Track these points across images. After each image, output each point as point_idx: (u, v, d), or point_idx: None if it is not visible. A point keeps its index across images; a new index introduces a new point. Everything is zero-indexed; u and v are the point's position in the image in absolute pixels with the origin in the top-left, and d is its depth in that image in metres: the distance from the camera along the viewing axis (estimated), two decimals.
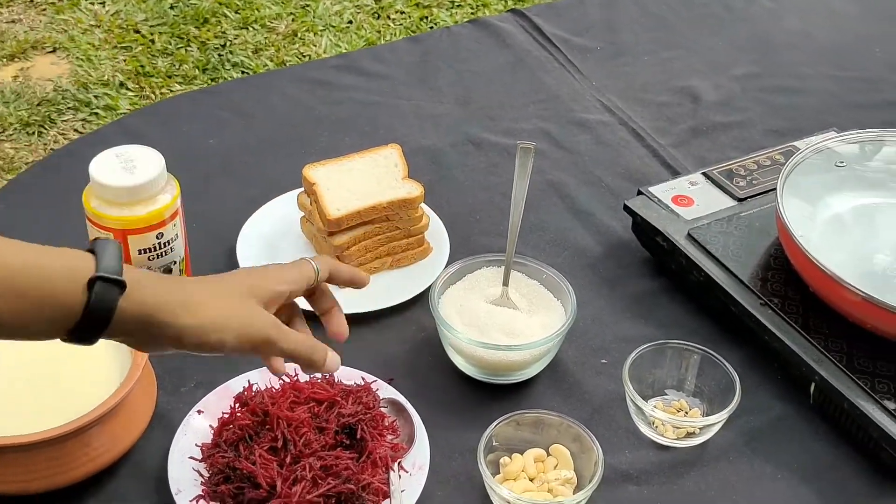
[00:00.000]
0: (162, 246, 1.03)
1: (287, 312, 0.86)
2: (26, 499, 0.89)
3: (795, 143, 1.25)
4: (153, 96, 2.58)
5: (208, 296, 0.78)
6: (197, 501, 0.90)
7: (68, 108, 2.54)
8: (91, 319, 0.72)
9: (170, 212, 1.02)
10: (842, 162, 1.16)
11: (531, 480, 0.93)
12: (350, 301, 1.10)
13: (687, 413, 1.01)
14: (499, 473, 0.94)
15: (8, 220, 1.21)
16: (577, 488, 0.92)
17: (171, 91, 2.58)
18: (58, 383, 0.93)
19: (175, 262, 1.05)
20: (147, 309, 0.74)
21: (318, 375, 0.99)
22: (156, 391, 0.97)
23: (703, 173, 1.21)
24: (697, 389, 1.02)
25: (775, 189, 1.10)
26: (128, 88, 2.60)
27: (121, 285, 0.73)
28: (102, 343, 0.95)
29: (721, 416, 0.97)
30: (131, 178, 1.00)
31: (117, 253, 0.74)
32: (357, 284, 0.91)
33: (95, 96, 2.57)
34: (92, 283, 0.71)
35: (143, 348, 0.85)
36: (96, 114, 2.53)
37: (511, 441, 0.95)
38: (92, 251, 0.74)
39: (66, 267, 0.72)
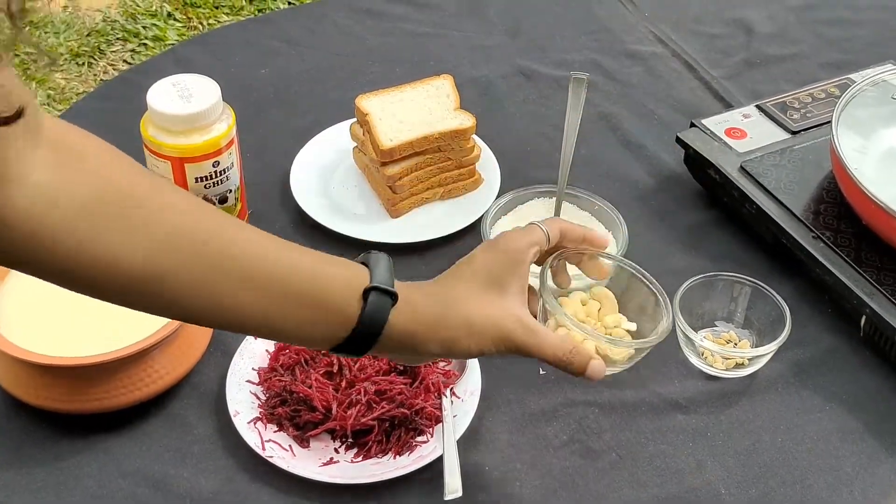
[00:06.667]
0: (218, 174, 1.04)
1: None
2: (95, 417, 0.92)
3: (851, 76, 1.23)
4: (201, 27, 2.59)
5: (463, 299, 0.77)
6: (255, 423, 0.93)
7: (117, 38, 2.56)
8: (364, 329, 0.73)
9: (226, 140, 1.03)
10: None
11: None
12: (401, 231, 1.11)
13: (736, 344, 1.02)
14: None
15: None
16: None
17: (219, 21, 2.58)
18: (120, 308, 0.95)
19: (230, 191, 1.07)
20: (411, 327, 0.75)
21: None
22: None
23: (757, 106, 1.20)
24: (747, 321, 1.02)
25: (829, 122, 1.09)
26: (175, 19, 2.61)
27: (393, 297, 0.73)
28: None
29: (771, 348, 0.97)
30: (188, 107, 1.01)
31: (389, 265, 0.75)
32: (593, 244, 0.86)
33: (144, 27, 2.58)
34: (367, 293, 0.72)
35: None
36: (145, 44, 2.54)
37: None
38: (365, 263, 0.75)
39: (343, 276, 0.73)
